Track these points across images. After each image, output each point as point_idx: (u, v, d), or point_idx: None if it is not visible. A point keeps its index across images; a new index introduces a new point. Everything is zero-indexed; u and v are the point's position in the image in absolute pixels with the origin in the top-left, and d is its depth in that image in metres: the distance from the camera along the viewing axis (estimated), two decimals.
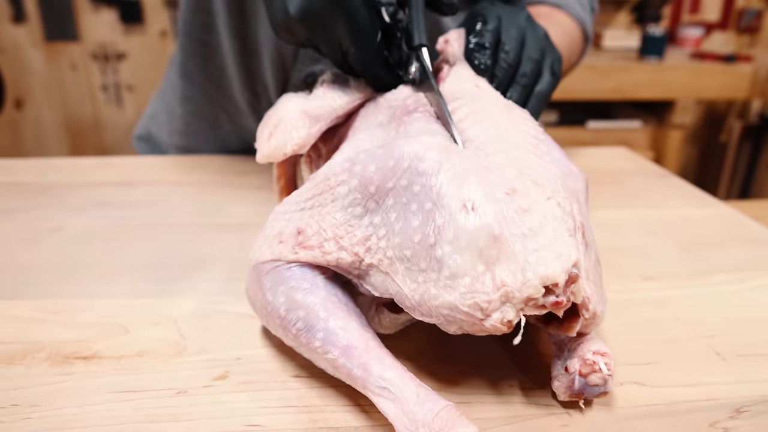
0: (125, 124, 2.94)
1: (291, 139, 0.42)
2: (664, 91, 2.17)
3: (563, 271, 0.28)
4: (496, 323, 0.29)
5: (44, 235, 0.55)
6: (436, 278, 0.30)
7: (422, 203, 0.31)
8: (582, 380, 0.32)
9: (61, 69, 2.80)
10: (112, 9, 2.70)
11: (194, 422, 0.32)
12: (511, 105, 0.42)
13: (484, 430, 0.31)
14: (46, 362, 0.36)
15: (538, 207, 0.31)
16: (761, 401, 0.34)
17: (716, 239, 0.56)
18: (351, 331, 0.32)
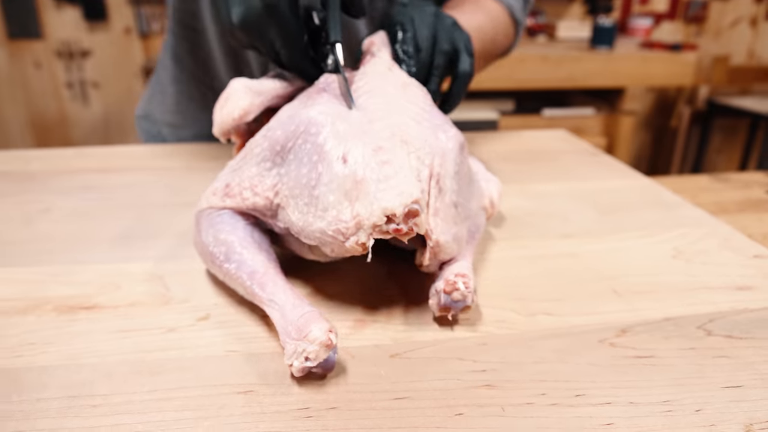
0: (91, 121, 2.96)
1: (237, 107, 0.51)
2: (614, 79, 2.28)
3: (401, 204, 0.37)
4: (353, 244, 0.38)
5: (35, 215, 0.62)
6: (314, 211, 0.39)
7: (311, 156, 0.40)
8: (447, 297, 0.41)
9: (25, 67, 2.81)
10: (76, 7, 2.71)
11: (183, 350, 0.39)
12: (409, 83, 0.50)
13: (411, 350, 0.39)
14: (53, 312, 0.43)
15: (397, 159, 0.39)
16: (642, 323, 0.42)
17: (630, 204, 0.65)
18: (257, 261, 0.41)
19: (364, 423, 0.32)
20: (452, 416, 0.33)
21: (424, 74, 0.57)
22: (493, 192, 0.53)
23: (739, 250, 0.54)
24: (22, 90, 2.85)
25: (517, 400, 0.34)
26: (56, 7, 2.72)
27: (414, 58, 0.57)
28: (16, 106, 2.88)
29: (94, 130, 2.98)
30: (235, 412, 0.33)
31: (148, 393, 0.35)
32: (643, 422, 0.33)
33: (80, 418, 0.33)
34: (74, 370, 0.37)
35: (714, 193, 0.91)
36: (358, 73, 0.51)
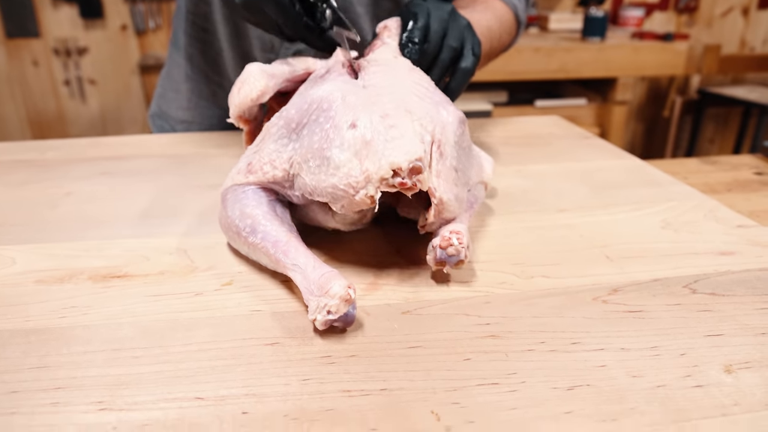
0: (89, 118, 2.98)
1: (255, 88, 0.55)
2: (606, 69, 2.32)
3: (406, 160, 0.41)
4: (363, 197, 0.42)
5: (59, 199, 0.65)
6: (325, 170, 0.43)
7: (323, 126, 0.44)
8: (442, 252, 0.44)
9: (23, 65, 2.83)
10: (72, 5, 2.74)
11: (212, 311, 0.42)
12: (416, 69, 0.54)
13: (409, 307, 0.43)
14: (88, 281, 0.47)
15: (402, 124, 0.43)
16: (632, 284, 0.46)
17: (621, 182, 0.68)
18: (280, 232, 0.45)
19: (382, 367, 0.36)
20: (461, 361, 0.37)
21: (426, 65, 0.61)
22: (487, 168, 0.57)
23: (723, 221, 0.58)
24: (20, 88, 2.87)
25: (518, 347, 0.38)
26: (53, 5, 2.74)
27: (419, 47, 0.60)
28: (15, 104, 2.90)
29: (91, 127, 3.01)
30: (264, 360, 0.37)
31: (183, 346, 0.38)
32: (633, 364, 0.36)
33: (124, 366, 0.36)
34: (114, 328, 0.40)
35: (703, 175, 0.95)
36: (367, 58, 0.55)
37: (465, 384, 0.35)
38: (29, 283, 0.47)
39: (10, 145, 0.86)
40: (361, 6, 0.85)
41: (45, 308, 0.43)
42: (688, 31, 3.08)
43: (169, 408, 0.33)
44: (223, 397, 0.33)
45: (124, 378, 0.35)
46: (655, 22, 3.08)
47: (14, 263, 0.50)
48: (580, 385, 0.35)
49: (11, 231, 0.57)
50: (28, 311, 0.43)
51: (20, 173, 0.74)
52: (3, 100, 2.89)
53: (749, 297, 0.44)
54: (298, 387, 0.34)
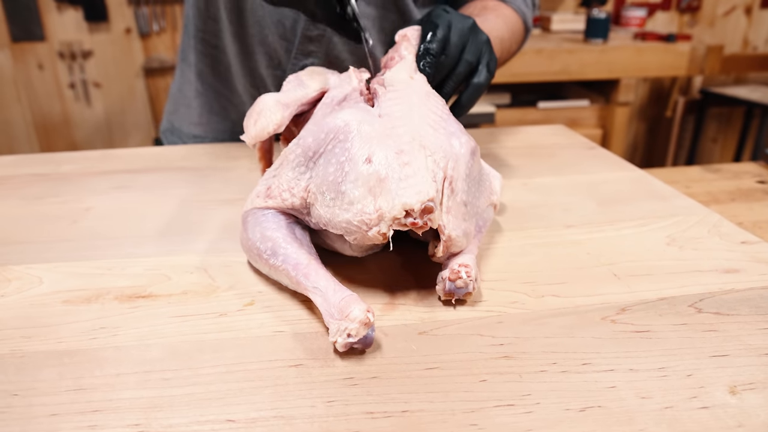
0: (94, 120, 3.00)
1: (271, 121, 0.57)
2: (608, 71, 2.33)
3: (418, 201, 0.43)
4: (375, 234, 0.44)
5: (77, 214, 0.67)
6: (340, 204, 0.45)
7: (338, 158, 0.46)
8: (451, 284, 0.46)
9: (28, 69, 2.85)
10: (77, 8, 2.75)
11: (236, 332, 0.44)
12: (431, 93, 0.55)
13: (420, 329, 0.44)
14: (115, 301, 0.48)
15: (417, 160, 0.45)
16: (640, 303, 0.48)
17: (627, 196, 0.70)
18: (300, 254, 0.47)
19: (402, 389, 0.38)
20: (477, 382, 0.38)
21: (441, 78, 0.62)
22: (496, 186, 0.58)
23: (727, 236, 0.59)
24: (26, 91, 2.89)
25: (531, 368, 0.40)
26: (57, 9, 2.75)
27: (434, 60, 0.61)
28: (21, 107, 2.92)
29: (97, 129, 3.02)
30: (290, 381, 0.39)
31: (211, 367, 0.40)
32: (642, 385, 0.38)
33: (157, 389, 0.38)
34: (144, 350, 0.42)
35: (706, 184, 0.97)
36: (385, 78, 0.56)
37: (482, 405, 0.36)
38: (57, 303, 0.49)
39: (24, 158, 0.88)
40: (368, 19, 0.87)
41: (75, 329, 0.45)
42: (691, 30, 3.09)
43: (203, 431, 0.35)
44: (253, 419, 0.35)
45: (157, 400, 0.37)
46: (658, 22, 3.09)
47: (41, 283, 0.52)
48: (591, 406, 0.36)
49: (34, 249, 0.58)
50: (59, 332, 0.45)
51: (36, 187, 0.76)
52: (9, 103, 2.91)
53: (753, 317, 0.46)
54: (323, 409, 0.36)
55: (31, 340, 0.44)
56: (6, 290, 0.51)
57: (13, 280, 0.53)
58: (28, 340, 0.44)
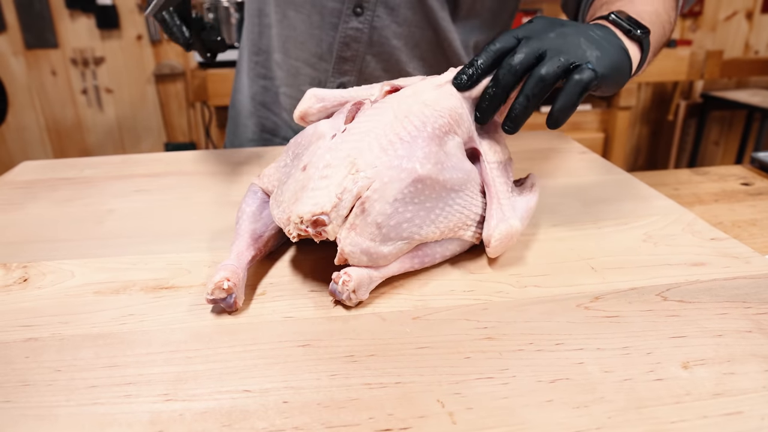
0: (106, 125, 3.07)
1: (299, 108, 0.64)
2: None
3: (309, 212, 0.49)
4: (288, 233, 0.51)
5: (102, 215, 0.73)
6: (278, 200, 0.54)
7: (297, 159, 0.56)
8: (334, 285, 0.51)
9: (42, 75, 2.92)
10: (89, 16, 2.83)
11: (250, 317, 0.50)
12: (416, 114, 0.54)
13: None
14: (140, 292, 0.54)
15: (335, 175, 0.50)
16: (612, 292, 0.53)
17: (610, 197, 0.75)
18: (245, 227, 0.59)
19: (397, 364, 0.43)
20: (462, 359, 0.44)
21: (492, 92, 0.57)
22: (492, 232, 0.56)
23: (698, 233, 0.64)
24: (39, 97, 2.97)
25: (510, 347, 0.45)
26: (70, 16, 2.83)
27: (473, 68, 0.57)
28: (35, 112, 2.99)
29: (108, 134, 3.10)
30: (298, 359, 0.44)
31: (229, 347, 0.46)
32: (606, 361, 0.43)
33: (181, 365, 0.44)
34: (168, 333, 0.48)
35: (693, 186, 1.02)
36: (400, 89, 0.59)
37: (465, 378, 0.42)
38: (89, 294, 0.54)
39: (49, 163, 0.94)
40: (398, 39, 0.92)
41: (106, 316, 0.51)
42: (692, 35, 3.14)
43: (223, 399, 0.40)
44: (266, 389, 0.41)
45: (182, 375, 0.43)
46: None
47: (73, 276, 0.58)
48: (560, 378, 0.42)
49: (65, 246, 0.64)
50: (92, 319, 0.50)
51: (64, 190, 0.82)
52: (23, 109, 2.99)
53: (712, 304, 0.51)
54: (327, 381, 0.41)
55: (69, 325, 0.49)
56: (42, 283, 0.57)
57: (48, 274, 0.58)
58: (65, 325, 0.49)
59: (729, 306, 0.51)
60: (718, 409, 0.39)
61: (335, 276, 0.51)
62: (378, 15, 0.90)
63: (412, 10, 0.90)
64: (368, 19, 0.90)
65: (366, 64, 0.93)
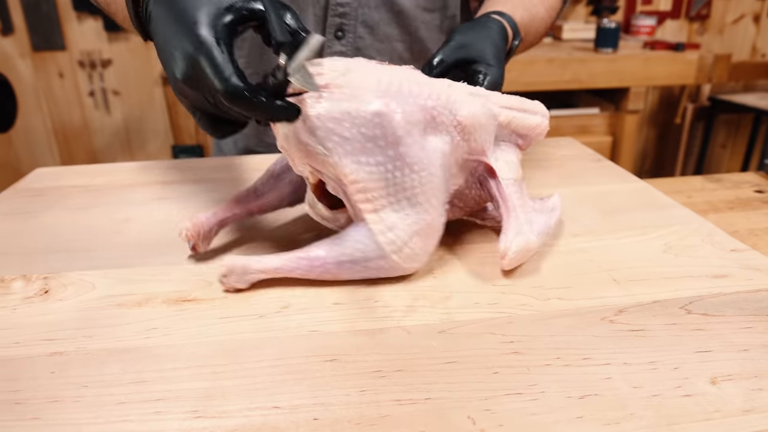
0: (113, 127, 3.07)
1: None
2: (618, 80, 2.38)
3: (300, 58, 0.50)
4: None
5: (119, 224, 0.73)
6: None
7: None
8: None
9: (49, 77, 2.93)
10: (97, 18, 2.83)
11: (276, 332, 0.50)
12: (430, 83, 0.58)
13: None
14: (163, 304, 0.54)
15: (335, 61, 0.54)
16: (636, 305, 0.53)
17: (629, 206, 0.75)
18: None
19: (425, 380, 0.43)
20: (491, 374, 0.44)
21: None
22: (510, 245, 0.57)
23: (719, 245, 0.64)
24: (47, 99, 2.97)
25: (538, 362, 0.45)
26: (78, 19, 2.83)
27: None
28: (42, 114, 2.99)
29: (115, 136, 3.10)
30: (327, 374, 0.44)
31: (256, 362, 0.46)
32: (634, 377, 0.43)
33: (209, 381, 0.44)
34: (195, 347, 0.48)
35: (707, 193, 1.01)
36: None
37: (494, 394, 0.42)
38: (111, 306, 0.54)
39: (61, 170, 0.94)
40: (381, 55, 0.94)
41: (130, 329, 0.51)
42: (700, 38, 3.13)
43: (253, 416, 0.40)
44: (296, 405, 0.41)
45: (210, 391, 0.43)
46: (667, 31, 3.13)
47: (94, 288, 0.58)
48: (589, 394, 0.41)
49: (84, 257, 0.64)
50: (116, 332, 0.50)
51: (79, 198, 0.82)
52: (30, 111, 2.99)
53: (737, 317, 0.51)
54: (357, 397, 0.41)
55: (93, 339, 0.49)
56: (64, 294, 0.57)
57: (69, 286, 0.58)
58: (90, 339, 0.49)
59: (754, 320, 0.51)
60: (748, 426, 0.39)
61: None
62: (359, 36, 0.93)
63: (391, 26, 0.93)
64: (350, 41, 0.93)
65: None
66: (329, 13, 0.91)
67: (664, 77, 2.42)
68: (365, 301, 0.54)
